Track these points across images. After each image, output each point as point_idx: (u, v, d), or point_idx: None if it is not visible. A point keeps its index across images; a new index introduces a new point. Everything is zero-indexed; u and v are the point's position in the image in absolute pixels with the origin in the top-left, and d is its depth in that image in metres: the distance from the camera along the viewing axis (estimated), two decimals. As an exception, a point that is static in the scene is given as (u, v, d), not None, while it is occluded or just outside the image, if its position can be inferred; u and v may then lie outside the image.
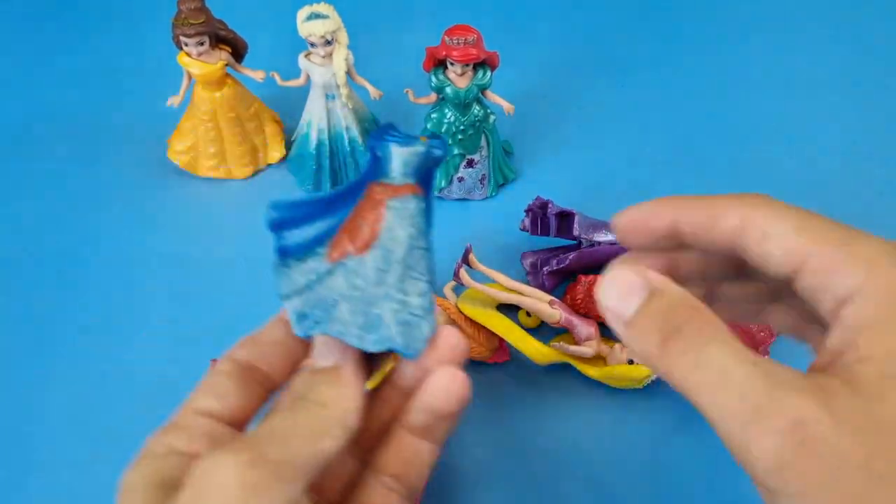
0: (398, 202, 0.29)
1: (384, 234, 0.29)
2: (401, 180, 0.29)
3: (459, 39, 0.49)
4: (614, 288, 0.25)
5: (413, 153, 0.29)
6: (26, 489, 0.46)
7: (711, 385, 0.21)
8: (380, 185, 0.30)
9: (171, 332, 0.52)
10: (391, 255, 0.29)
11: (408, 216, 0.29)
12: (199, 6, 0.51)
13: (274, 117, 0.61)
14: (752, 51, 0.69)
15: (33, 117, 0.64)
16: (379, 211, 0.29)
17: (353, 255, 0.29)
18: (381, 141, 0.30)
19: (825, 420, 0.19)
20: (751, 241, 0.25)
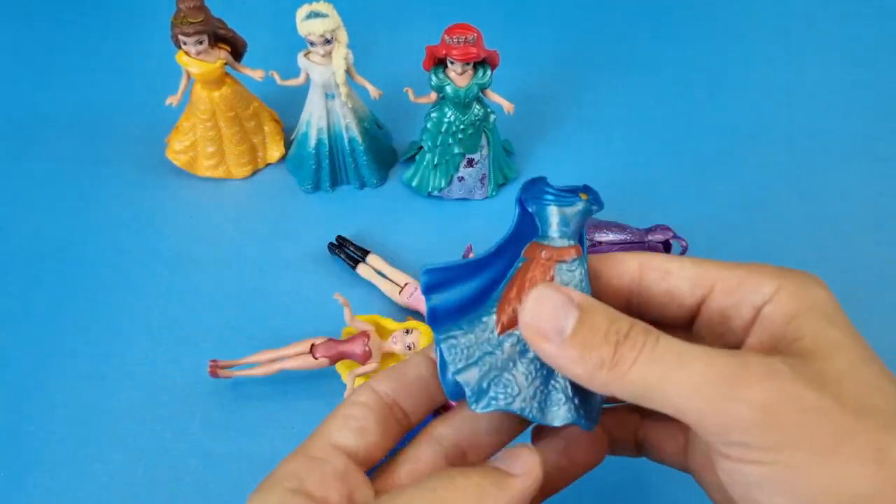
0: (566, 266, 0.27)
1: None
2: (562, 242, 0.28)
3: (459, 38, 0.49)
4: (543, 307, 0.24)
5: (574, 213, 0.28)
6: (25, 488, 0.46)
7: (675, 368, 0.22)
8: (542, 246, 0.28)
9: (170, 332, 0.52)
10: None
11: (576, 281, 0.27)
12: (198, 5, 0.50)
13: (273, 116, 0.61)
14: (752, 50, 0.69)
15: (32, 117, 0.64)
16: (548, 276, 0.27)
17: None
18: (536, 198, 0.28)
19: (793, 375, 0.22)
20: (652, 281, 0.27)
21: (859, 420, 0.21)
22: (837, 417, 0.21)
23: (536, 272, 0.28)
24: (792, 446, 0.21)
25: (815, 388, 0.22)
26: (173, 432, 0.48)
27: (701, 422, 0.22)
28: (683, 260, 0.27)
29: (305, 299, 0.53)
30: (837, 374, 0.22)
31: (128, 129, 0.63)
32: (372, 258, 0.53)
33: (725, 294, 0.26)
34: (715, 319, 0.27)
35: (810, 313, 0.24)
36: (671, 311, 0.27)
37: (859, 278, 0.54)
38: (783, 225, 0.57)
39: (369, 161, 0.58)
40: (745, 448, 0.22)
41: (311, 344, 0.48)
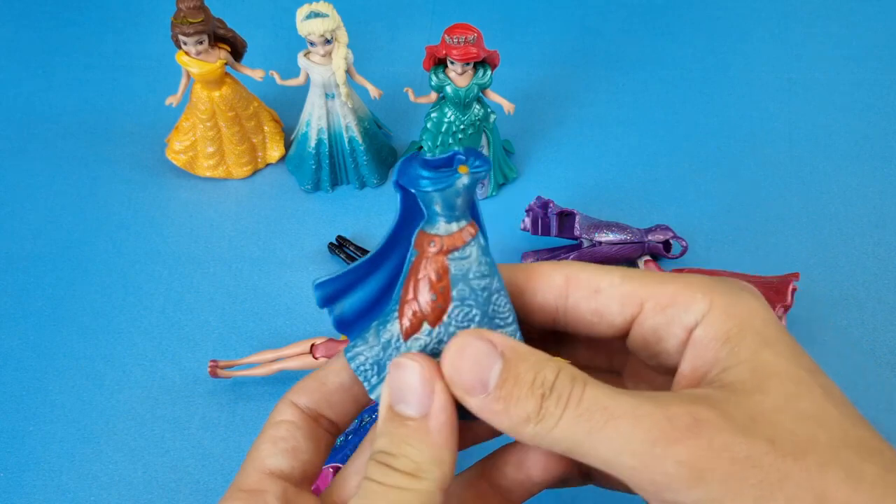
0: (458, 254, 0.25)
1: (456, 297, 0.25)
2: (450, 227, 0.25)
3: (460, 38, 0.49)
4: (465, 358, 0.23)
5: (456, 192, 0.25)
6: (24, 488, 0.46)
7: (601, 425, 0.21)
8: (430, 237, 0.26)
9: (169, 332, 0.52)
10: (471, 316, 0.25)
11: (472, 264, 0.25)
12: (198, 5, 0.50)
13: (273, 116, 0.61)
14: (753, 50, 0.69)
15: (31, 116, 0.64)
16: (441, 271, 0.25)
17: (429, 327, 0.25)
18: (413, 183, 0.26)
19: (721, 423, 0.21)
20: (580, 298, 0.25)
21: (797, 461, 0.20)
22: (772, 464, 0.20)
23: (429, 269, 0.25)
24: (723, 502, 0.20)
25: (746, 433, 0.20)
26: (173, 432, 0.48)
27: (632, 479, 0.21)
28: (613, 274, 0.25)
29: (305, 299, 0.53)
30: (773, 411, 0.21)
31: (128, 128, 0.63)
32: None
33: (656, 313, 0.25)
34: (649, 339, 0.25)
35: (743, 335, 0.23)
36: (601, 329, 0.26)
37: (859, 278, 0.54)
38: (783, 224, 0.57)
39: (369, 161, 0.58)
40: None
41: (311, 344, 0.48)
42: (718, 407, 0.21)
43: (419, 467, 0.23)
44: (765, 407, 0.21)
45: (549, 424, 0.22)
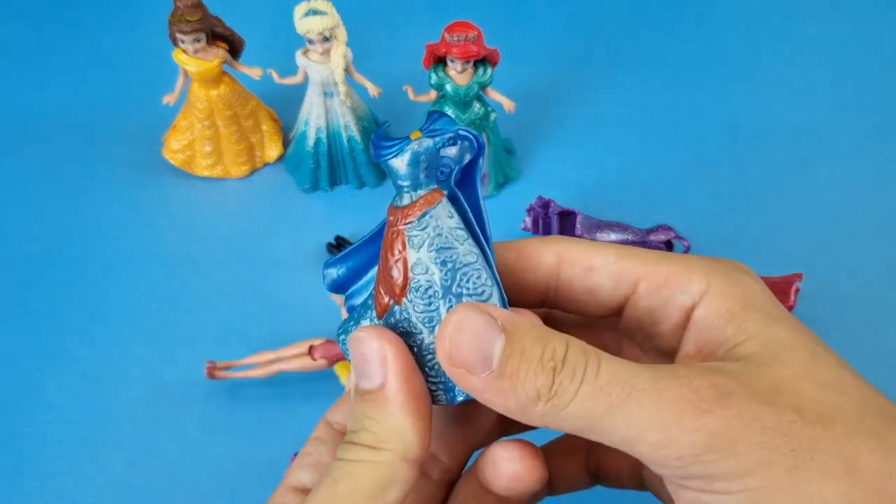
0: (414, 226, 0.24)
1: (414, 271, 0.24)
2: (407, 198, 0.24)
3: (460, 36, 0.48)
4: (463, 335, 0.21)
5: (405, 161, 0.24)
6: (21, 490, 0.45)
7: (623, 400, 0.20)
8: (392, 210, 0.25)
9: (167, 333, 0.51)
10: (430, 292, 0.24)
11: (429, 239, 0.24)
12: (195, 3, 0.50)
13: (271, 115, 0.60)
14: (756, 49, 0.68)
15: (27, 115, 0.63)
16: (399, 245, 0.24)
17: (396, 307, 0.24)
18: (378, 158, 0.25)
19: (746, 393, 0.20)
20: (573, 276, 0.25)
21: (826, 429, 0.20)
22: (801, 432, 0.20)
23: (390, 242, 0.24)
24: (757, 472, 0.20)
25: (772, 403, 0.20)
26: (170, 434, 0.47)
27: (655, 456, 0.20)
28: (608, 252, 0.24)
29: (304, 300, 0.53)
30: (794, 380, 0.21)
31: (124, 127, 0.62)
32: None
33: (651, 293, 0.24)
34: (643, 320, 0.25)
35: (748, 311, 0.22)
36: (593, 309, 0.25)
37: (863, 279, 0.54)
38: (786, 224, 0.57)
39: (368, 160, 0.57)
40: (707, 479, 0.20)
41: (309, 345, 0.47)
42: (740, 379, 0.21)
43: (378, 438, 0.22)
44: (785, 376, 0.21)
45: (563, 401, 0.20)
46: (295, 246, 0.56)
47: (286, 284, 0.54)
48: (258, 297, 0.53)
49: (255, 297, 0.53)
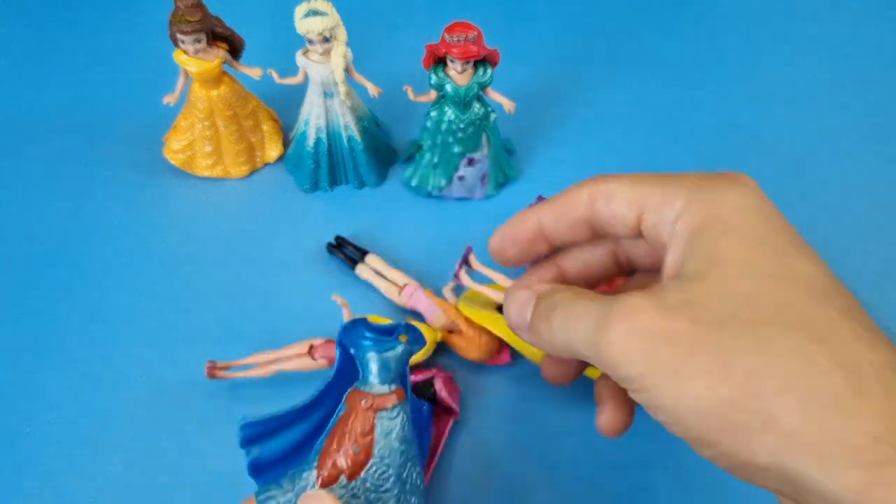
0: (387, 415, 0.28)
1: (377, 454, 0.27)
2: (384, 388, 0.29)
3: (460, 36, 0.49)
4: (511, 306, 0.28)
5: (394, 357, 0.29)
6: (21, 490, 0.45)
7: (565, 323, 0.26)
8: (363, 394, 0.28)
9: (166, 333, 0.51)
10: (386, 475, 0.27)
11: (397, 428, 0.28)
12: (195, 3, 0.50)
13: (271, 115, 0.61)
14: (756, 49, 0.68)
15: (28, 115, 0.63)
16: (367, 426, 0.28)
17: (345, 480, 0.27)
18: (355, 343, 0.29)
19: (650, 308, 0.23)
20: (601, 206, 0.28)
21: (710, 334, 0.22)
22: (686, 337, 0.22)
23: (356, 423, 0.28)
24: (645, 375, 0.23)
25: (670, 314, 0.23)
26: (170, 434, 0.47)
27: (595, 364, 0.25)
28: (624, 181, 0.28)
29: (304, 300, 0.53)
30: (706, 294, 0.23)
31: (125, 128, 0.62)
32: (371, 258, 0.53)
33: (653, 212, 0.27)
34: (652, 241, 0.27)
35: (709, 225, 0.25)
36: (621, 231, 0.28)
37: (864, 279, 0.54)
38: (786, 224, 0.57)
39: (368, 160, 0.57)
40: (625, 382, 0.24)
41: (309, 345, 0.47)
42: (655, 295, 0.24)
43: None
44: (699, 291, 0.23)
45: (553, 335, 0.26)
46: (295, 246, 0.56)
47: (286, 285, 0.54)
48: (258, 297, 0.53)
49: (255, 298, 0.53)
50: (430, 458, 0.43)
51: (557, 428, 0.48)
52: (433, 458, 0.44)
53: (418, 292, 0.49)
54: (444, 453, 0.46)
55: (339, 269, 0.54)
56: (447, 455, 0.46)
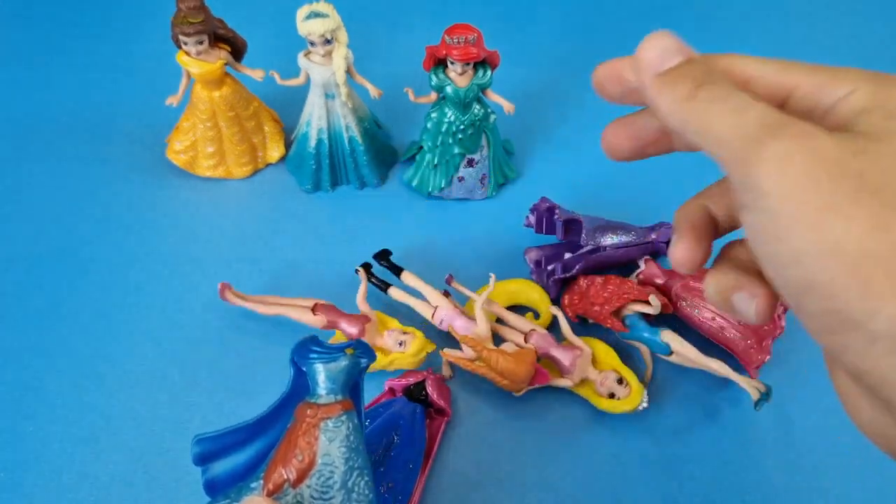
0: (331, 423, 0.28)
1: (320, 461, 0.28)
2: (329, 399, 0.29)
3: (460, 38, 0.49)
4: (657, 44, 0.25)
5: (339, 369, 0.29)
6: (24, 488, 0.45)
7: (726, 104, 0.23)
8: (309, 405, 0.29)
9: (169, 332, 0.52)
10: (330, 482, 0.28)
11: (342, 436, 0.28)
12: (198, 5, 0.50)
13: (273, 116, 0.61)
14: (753, 49, 0.68)
15: (32, 117, 0.64)
16: (312, 435, 0.28)
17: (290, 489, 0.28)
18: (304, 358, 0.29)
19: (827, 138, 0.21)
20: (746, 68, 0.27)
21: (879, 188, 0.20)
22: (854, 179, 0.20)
23: (301, 432, 0.28)
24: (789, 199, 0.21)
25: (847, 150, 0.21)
26: (173, 432, 0.48)
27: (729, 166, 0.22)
28: (767, 64, 0.26)
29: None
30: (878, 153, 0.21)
31: (128, 128, 0.63)
32: (405, 276, 0.52)
33: (803, 99, 0.25)
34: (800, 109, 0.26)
35: (878, 110, 0.23)
36: None
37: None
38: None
39: (369, 161, 0.58)
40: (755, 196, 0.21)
41: (314, 303, 0.49)
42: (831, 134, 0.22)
43: None
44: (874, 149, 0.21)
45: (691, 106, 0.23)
46: (297, 245, 0.56)
47: (287, 284, 0.54)
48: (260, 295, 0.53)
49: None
50: (425, 458, 0.44)
51: (553, 426, 0.48)
52: (428, 457, 0.44)
53: (448, 316, 0.49)
54: (439, 453, 0.46)
55: (339, 268, 0.55)
56: (442, 454, 0.46)
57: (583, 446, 0.47)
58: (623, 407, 0.45)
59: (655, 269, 0.51)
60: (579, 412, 0.48)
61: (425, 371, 0.47)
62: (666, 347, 0.47)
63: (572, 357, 0.46)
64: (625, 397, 0.46)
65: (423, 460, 0.44)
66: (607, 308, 0.48)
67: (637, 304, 0.48)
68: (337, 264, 0.55)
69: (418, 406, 0.45)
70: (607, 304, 0.48)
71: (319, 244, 0.56)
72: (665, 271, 0.51)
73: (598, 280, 0.50)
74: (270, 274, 0.55)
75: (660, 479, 0.46)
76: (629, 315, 0.49)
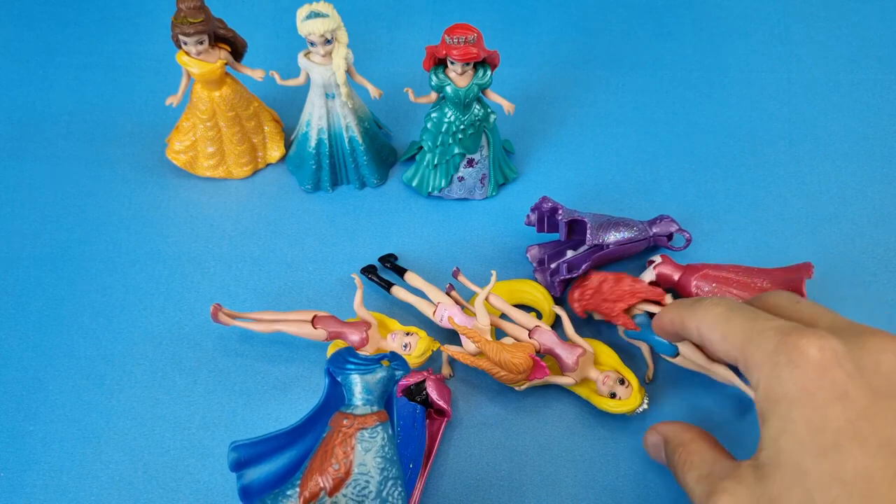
0: (367, 433, 0.29)
1: (356, 470, 0.28)
2: (366, 409, 0.30)
3: (460, 38, 0.49)
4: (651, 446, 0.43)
5: (376, 380, 0.30)
6: (24, 488, 0.46)
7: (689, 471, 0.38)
8: (345, 415, 0.30)
9: (169, 332, 0.52)
10: (366, 492, 0.28)
11: (377, 447, 0.29)
12: (198, 5, 0.50)
13: (273, 116, 0.61)
14: (753, 50, 0.69)
15: (31, 117, 0.64)
16: (349, 445, 0.29)
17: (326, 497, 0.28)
18: (341, 368, 0.30)
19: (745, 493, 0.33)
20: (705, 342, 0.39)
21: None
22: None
23: (338, 441, 0.29)
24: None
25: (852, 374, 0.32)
26: (173, 432, 0.48)
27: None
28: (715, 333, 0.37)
29: (305, 299, 0.53)
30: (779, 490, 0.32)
31: (128, 128, 0.63)
32: (409, 276, 0.52)
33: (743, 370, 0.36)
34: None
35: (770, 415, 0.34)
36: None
37: (859, 279, 0.54)
38: (784, 224, 0.57)
39: (369, 161, 0.58)
40: None
41: (313, 315, 0.48)
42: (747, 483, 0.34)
43: None
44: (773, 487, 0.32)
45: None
46: (297, 246, 0.56)
47: (288, 284, 0.54)
48: (260, 296, 0.54)
49: (256, 297, 0.54)
50: (425, 458, 0.44)
51: (553, 426, 0.48)
52: (428, 458, 0.44)
53: (448, 313, 0.49)
54: (439, 453, 0.46)
55: (339, 268, 0.55)
56: (442, 455, 0.47)
57: (583, 447, 0.47)
58: (623, 408, 0.45)
59: (671, 264, 0.51)
60: (579, 412, 0.48)
61: (425, 371, 0.47)
62: (672, 348, 0.47)
63: (575, 356, 0.46)
64: (626, 398, 0.46)
65: (423, 460, 0.44)
66: (620, 305, 0.48)
67: (648, 304, 0.48)
68: (337, 264, 0.55)
69: (418, 406, 0.45)
70: (621, 300, 0.48)
71: (319, 244, 0.56)
72: (680, 267, 0.51)
73: (610, 277, 0.50)
74: (271, 274, 0.55)
75: (660, 480, 0.46)
76: (638, 314, 0.49)
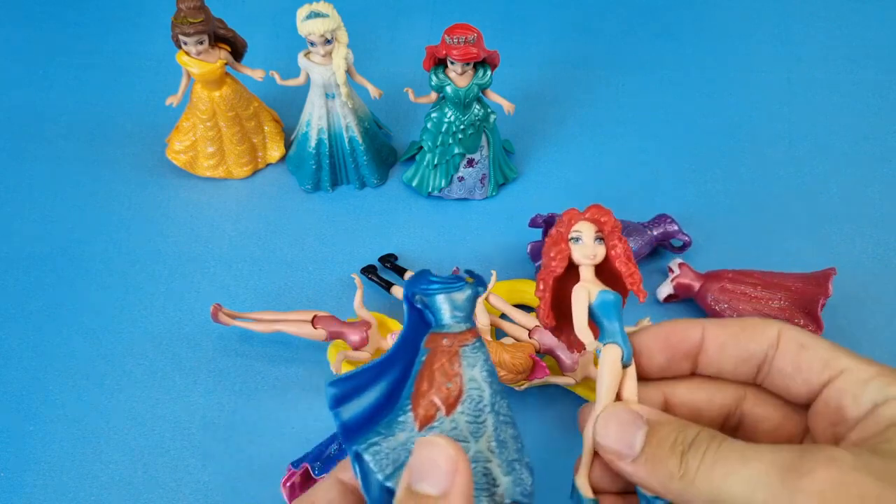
0: (469, 349, 0.28)
1: (468, 386, 0.28)
2: (460, 327, 0.29)
3: (460, 38, 0.49)
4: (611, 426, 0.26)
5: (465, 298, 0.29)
6: (24, 488, 0.46)
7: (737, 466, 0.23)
8: (443, 335, 0.29)
9: (169, 332, 0.52)
10: (481, 406, 0.28)
11: (482, 361, 0.28)
12: (198, 5, 0.50)
13: (273, 116, 0.61)
14: (752, 50, 0.69)
15: (32, 117, 0.64)
16: (455, 362, 0.28)
17: (443, 416, 0.28)
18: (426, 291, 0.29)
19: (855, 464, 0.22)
20: (787, 351, 0.27)
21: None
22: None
23: (443, 360, 0.28)
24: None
25: (880, 478, 0.22)
26: (173, 432, 0.48)
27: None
28: (819, 339, 0.27)
29: (305, 299, 0.53)
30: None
31: (128, 129, 0.63)
32: (409, 276, 0.52)
33: (853, 384, 0.26)
34: (832, 405, 0.26)
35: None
36: (795, 386, 0.27)
37: (858, 279, 0.54)
38: (783, 224, 0.57)
39: (369, 161, 0.58)
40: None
41: (313, 315, 0.49)
42: (860, 456, 0.22)
43: None
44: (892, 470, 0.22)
45: (690, 477, 0.24)
46: (296, 245, 0.56)
47: (288, 284, 0.54)
48: (260, 296, 0.54)
49: (256, 297, 0.54)
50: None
51: (553, 426, 0.48)
52: None
53: None
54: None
55: (339, 268, 0.55)
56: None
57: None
58: None
59: (690, 273, 0.51)
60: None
61: None
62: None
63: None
64: None
65: None
66: None
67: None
68: (337, 264, 0.55)
69: None
70: None
71: (319, 244, 0.56)
72: (700, 276, 0.51)
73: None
74: (270, 273, 0.55)
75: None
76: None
